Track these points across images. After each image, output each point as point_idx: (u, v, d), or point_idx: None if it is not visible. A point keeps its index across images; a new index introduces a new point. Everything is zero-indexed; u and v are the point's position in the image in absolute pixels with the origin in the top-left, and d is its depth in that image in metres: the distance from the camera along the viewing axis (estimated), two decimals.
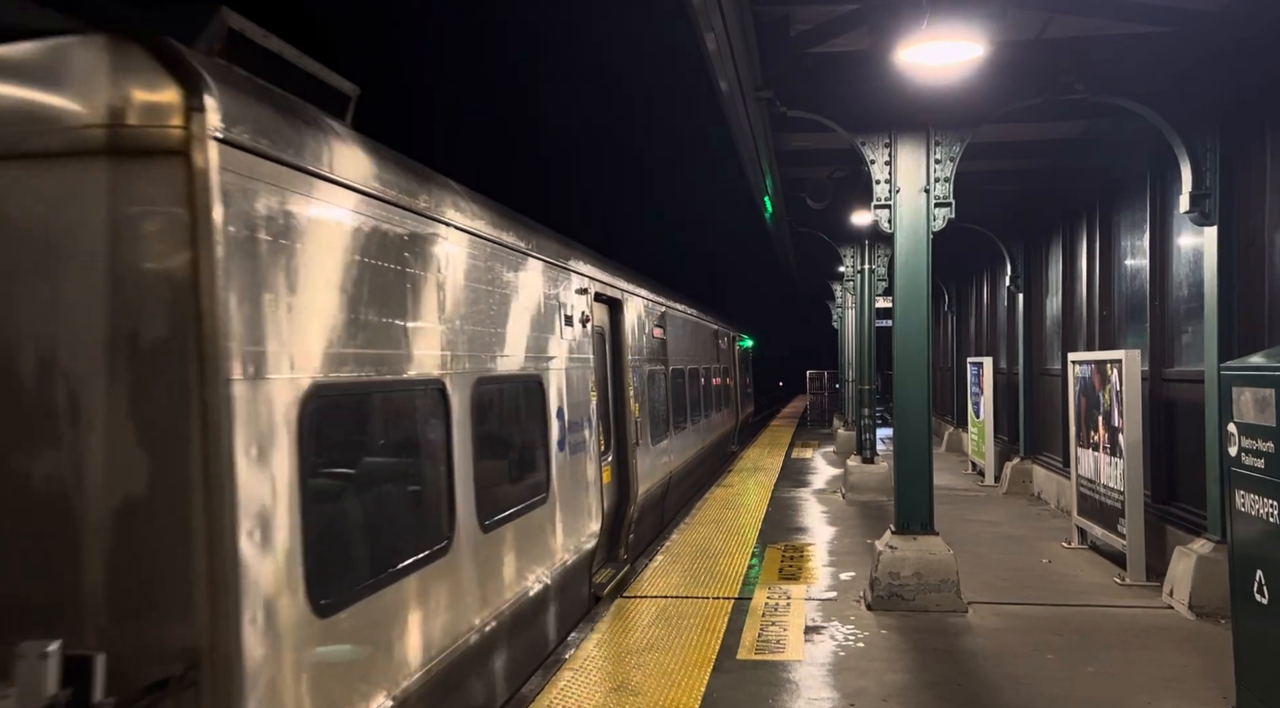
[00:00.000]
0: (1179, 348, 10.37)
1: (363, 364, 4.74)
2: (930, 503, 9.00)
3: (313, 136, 4.36)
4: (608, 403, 11.04)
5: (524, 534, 7.12)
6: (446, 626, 5.58)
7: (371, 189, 4.93)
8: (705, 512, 14.46)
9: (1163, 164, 10.34)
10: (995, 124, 9.78)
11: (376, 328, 4.92)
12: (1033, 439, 16.18)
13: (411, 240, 5.45)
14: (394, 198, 5.20)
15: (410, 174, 5.57)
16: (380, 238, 5.03)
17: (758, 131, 10.66)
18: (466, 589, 5.95)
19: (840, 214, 15.64)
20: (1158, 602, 8.84)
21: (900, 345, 9.02)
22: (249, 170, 3.81)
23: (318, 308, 4.33)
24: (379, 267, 5.00)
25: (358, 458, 5.07)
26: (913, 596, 8.64)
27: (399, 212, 5.27)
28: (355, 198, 4.77)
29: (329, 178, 4.47)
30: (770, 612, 8.64)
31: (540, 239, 8.13)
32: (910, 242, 8.93)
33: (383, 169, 5.13)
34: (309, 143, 4.30)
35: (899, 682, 6.83)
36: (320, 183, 4.38)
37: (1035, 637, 7.85)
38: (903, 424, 9.07)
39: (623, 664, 7.21)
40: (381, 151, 5.25)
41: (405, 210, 5.36)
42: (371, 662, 4.70)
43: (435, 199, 5.85)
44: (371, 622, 4.73)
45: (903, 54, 7.10)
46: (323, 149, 4.42)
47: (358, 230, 4.78)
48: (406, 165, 5.59)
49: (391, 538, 5.17)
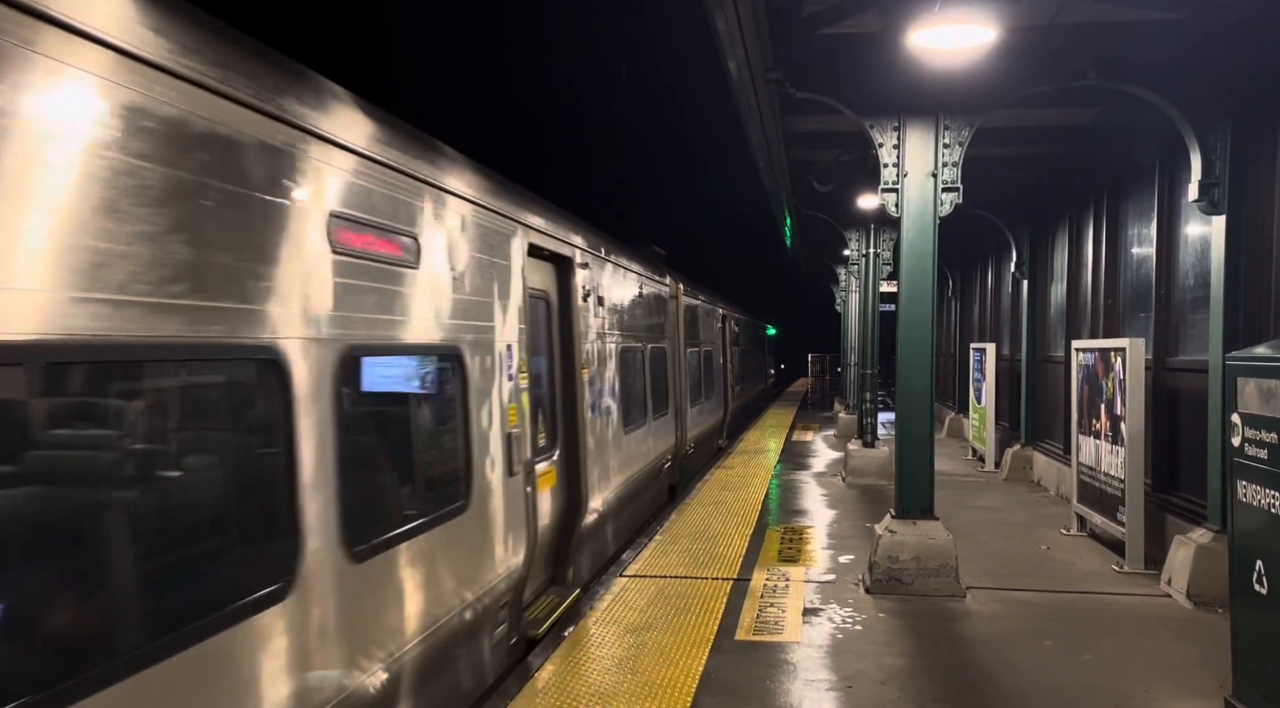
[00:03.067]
0: (1184, 337, 10.35)
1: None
2: (931, 488, 9.01)
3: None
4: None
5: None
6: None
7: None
8: (705, 493, 14.50)
9: (1172, 152, 10.30)
10: (1005, 109, 9.73)
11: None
12: (1034, 426, 16.19)
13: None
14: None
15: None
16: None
17: (767, 116, 10.61)
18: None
19: (846, 198, 15.59)
20: (1156, 590, 8.87)
21: (904, 330, 9.01)
22: (681, 294, 17.02)
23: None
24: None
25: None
26: (912, 580, 8.67)
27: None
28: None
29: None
30: (769, 593, 8.68)
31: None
32: (916, 226, 8.91)
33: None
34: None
35: (897, 665, 6.87)
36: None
37: (1033, 623, 7.89)
38: (905, 409, 9.07)
39: (621, 643, 7.25)
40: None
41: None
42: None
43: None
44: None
45: (914, 38, 7.06)
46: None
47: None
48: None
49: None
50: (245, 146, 4.06)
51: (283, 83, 4.43)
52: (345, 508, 4.67)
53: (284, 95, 4.39)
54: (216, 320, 3.78)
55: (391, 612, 5.19)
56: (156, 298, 3.45)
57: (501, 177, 7.78)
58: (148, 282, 3.41)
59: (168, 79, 3.59)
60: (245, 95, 4.05)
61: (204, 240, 3.72)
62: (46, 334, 3.00)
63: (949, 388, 25.32)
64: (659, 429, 14.96)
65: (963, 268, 24.80)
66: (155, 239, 3.46)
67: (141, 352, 3.39)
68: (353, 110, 5.14)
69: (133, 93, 3.42)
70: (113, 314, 3.24)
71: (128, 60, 3.40)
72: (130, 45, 3.41)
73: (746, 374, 32.37)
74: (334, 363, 4.66)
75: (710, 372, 22.12)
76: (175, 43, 3.65)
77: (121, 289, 3.28)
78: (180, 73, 3.65)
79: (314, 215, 4.57)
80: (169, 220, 3.54)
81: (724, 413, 24.57)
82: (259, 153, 4.16)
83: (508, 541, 7.13)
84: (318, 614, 4.42)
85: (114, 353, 3.27)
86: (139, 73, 3.45)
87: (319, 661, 4.42)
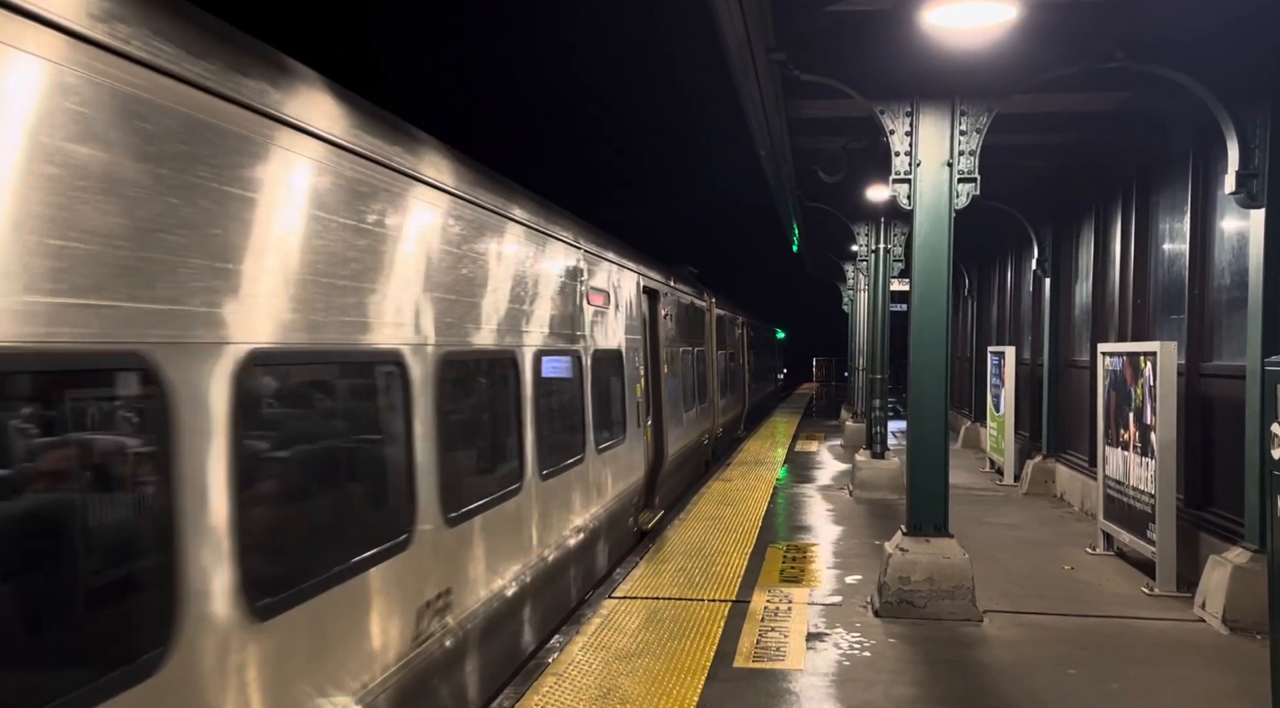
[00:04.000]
0: (1219, 341, 10.32)
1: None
2: (945, 503, 8.96)
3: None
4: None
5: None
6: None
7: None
8: (701, 508, 14.44)
9: (1207, 141, 10.27)
10: (1026, 94, 9.69)
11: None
12: (1057, 436, 16.15)
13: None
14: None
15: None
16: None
17: (769, 100, 10.56)
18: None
19: (855, 189, 15.56)
20: (1189, 614, 8.83)
21: (917, 332, 8.96)
22: (713, 307, 22.64)
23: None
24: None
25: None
26: (924, 602, 8.62)
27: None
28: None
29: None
30: (770, 617, 8.62)
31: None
32: (930, 220, 8.86)
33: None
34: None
35: (908, 696, 6.81)
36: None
37: (1056, 650, 7.84)
38: (918, 417, 9.02)
39: (610, 670, 7.18)
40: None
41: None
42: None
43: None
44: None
45: (929, 15, 7.02)
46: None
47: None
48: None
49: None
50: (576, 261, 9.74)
51: (570, 223, 9.26)
52: (598, 428, 10.49)
53: (574, 233, 9.57)
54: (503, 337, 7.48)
55: (596, 487, 10.30)
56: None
57: (629, 244, 13.34)
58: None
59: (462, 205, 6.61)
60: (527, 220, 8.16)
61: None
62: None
63: (965, 395, 25.31)
64: (701, 413, 20.15)
65: (980, 265, 24.80)
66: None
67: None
68: (619, 250, 11.45)
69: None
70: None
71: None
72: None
73: (761, 373, 40.53)
74: (591, 359, 10.21)
75: (734, 370, 27.95)
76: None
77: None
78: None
79: (578, 290, 9.78)
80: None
81: (743, 406, 30.23)
82: (569, 266, 9.53)
83: (637, 463, 12.64)
84: (593, 473, 10.20)
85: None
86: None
87: (580, 504, 9.56)
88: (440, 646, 5.90)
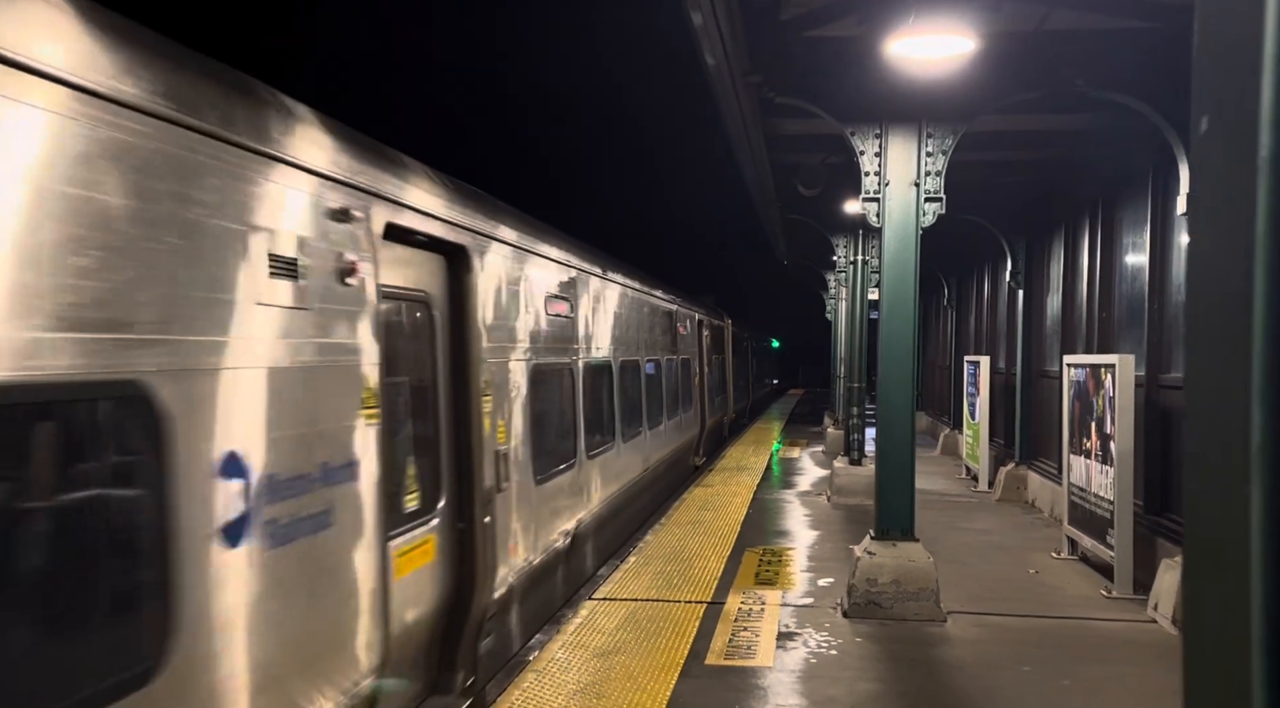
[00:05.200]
0: (1178, 354, 10.74)
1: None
2: (911, 508, 9.35)
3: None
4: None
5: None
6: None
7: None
8: (681, 513, 14.80)
9: (1165, 161, 10.69)
10: (995, 115, 10.10)
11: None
12: (1029, 444, 16.58)
13: None
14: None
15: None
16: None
17: (750, 121, 10.95)
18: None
19: (834, 202, 15.95)
20: (1143, 616, 9.23)
21: (885, 345, 9.35)
22: (730, 326, 31.87)
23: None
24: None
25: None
26: (890, 604, 9.00)
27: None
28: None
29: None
30: (743, 617, 8.99)
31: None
32: (899, 237, 9.26)
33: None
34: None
35: (870, 691, 7.19)
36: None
37: (1013, 649, 8.23)
38: (885, 427, 9.41)
39: (588, 668, 7.54)
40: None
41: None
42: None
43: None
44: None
45: (891, 47, 7.41)
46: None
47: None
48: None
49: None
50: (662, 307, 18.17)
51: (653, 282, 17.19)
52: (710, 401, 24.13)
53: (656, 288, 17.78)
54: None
55: (664, 439, 17.60)
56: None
57: (685, 289, 22.79)
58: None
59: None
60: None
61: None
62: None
63: (945, 402, 25.73)
64: (723, 401, 28.97)
65: (959, 276, 25.25)
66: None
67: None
68: (684, 299, 20.77)
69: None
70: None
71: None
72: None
73: (761, 376, 50.78)
74: (679, 365, 19.69)
75: (743, 373, 36.88)
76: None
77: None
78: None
79: (672, 325, 18.90)
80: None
81: (748, 399, 39.46)
82: (661, 311, 17.83)
83: (694, 424, 21.88)
84: (684, 422, 20.46)
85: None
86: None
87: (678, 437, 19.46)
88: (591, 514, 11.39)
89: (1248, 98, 1.52)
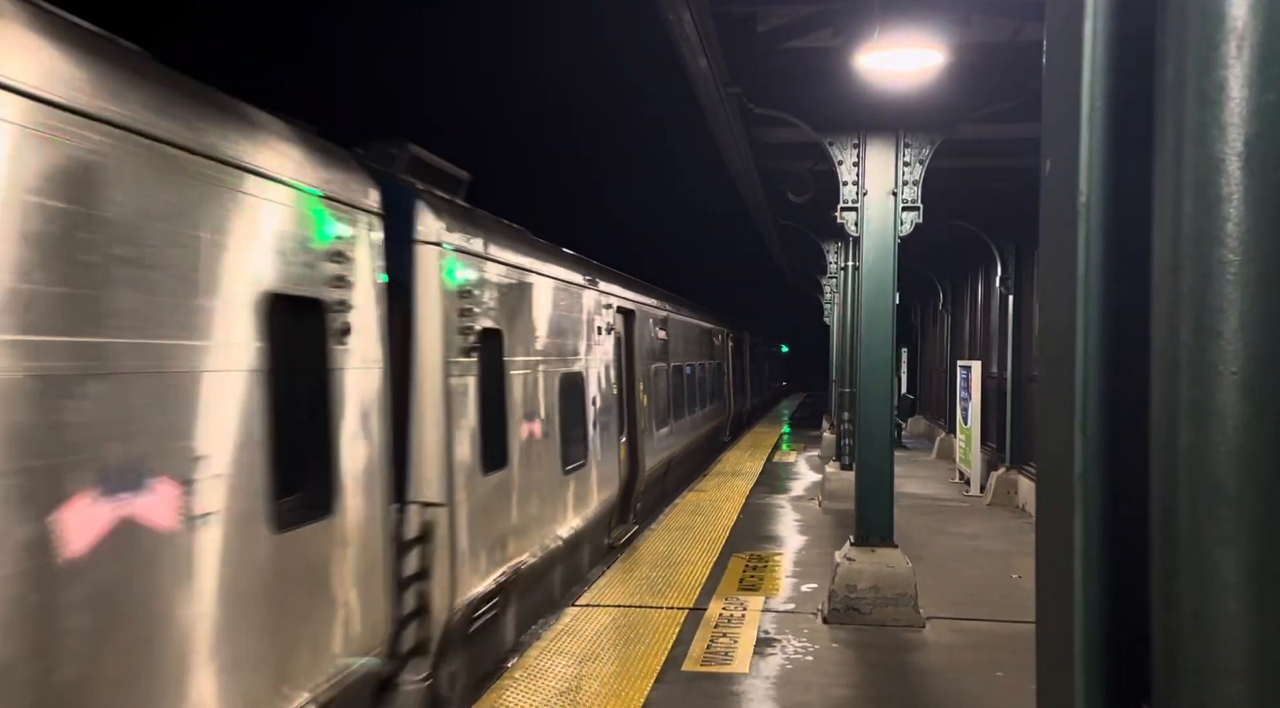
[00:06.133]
0: None
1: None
2: (890, 515, 9.44)
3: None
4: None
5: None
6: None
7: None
8: (673, 518, 14.90)
9: None
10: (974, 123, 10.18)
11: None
12: (1019, 448, 16.65)
13: None
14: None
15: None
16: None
17: (735, 127, 11.05)
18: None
19: (824, 209, 15.98)
20: None
21: (864, 355, 9.45)
22: (746, 338, 39.33)
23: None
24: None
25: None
26: (869, 609, 9.09)
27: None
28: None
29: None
30: (723, 623, 9.08)
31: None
32: (877, 247, 9.34)
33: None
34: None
35: (843, 697, 7.28)
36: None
37: (988, 654, 8.31)
38: (865, 434, 9.50)
39: (566, 674, 7.63)
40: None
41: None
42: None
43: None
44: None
45: (862, 60, 7.51)
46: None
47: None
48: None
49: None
50: (708, 331, 26.00)
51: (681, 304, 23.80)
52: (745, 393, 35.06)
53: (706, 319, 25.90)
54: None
55: (710, 416, 24.67)
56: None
57: (720, 308, 32.69)
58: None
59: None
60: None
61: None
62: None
63: (940, 406, 25.81)
64: (743, 397, 35.61)
65: (954, 280, 25.33)
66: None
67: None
68: (721, 321, 29.42)
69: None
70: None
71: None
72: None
73: (770, 377, 57.76)
74: (714, 368, 26.28)
75: (753, 375, 41.90)
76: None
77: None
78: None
79: (715, 342, 27.05)
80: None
81: (761, 396, 46.78)
82: (709, 334, 26.11)
83: (725, 411, 28.55)
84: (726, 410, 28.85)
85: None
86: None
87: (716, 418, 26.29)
88: (682, 448, 18.90)
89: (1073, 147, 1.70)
